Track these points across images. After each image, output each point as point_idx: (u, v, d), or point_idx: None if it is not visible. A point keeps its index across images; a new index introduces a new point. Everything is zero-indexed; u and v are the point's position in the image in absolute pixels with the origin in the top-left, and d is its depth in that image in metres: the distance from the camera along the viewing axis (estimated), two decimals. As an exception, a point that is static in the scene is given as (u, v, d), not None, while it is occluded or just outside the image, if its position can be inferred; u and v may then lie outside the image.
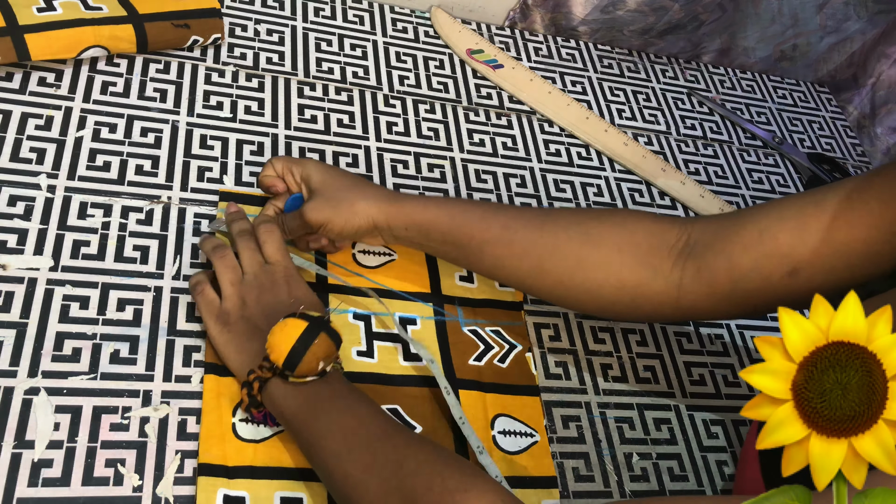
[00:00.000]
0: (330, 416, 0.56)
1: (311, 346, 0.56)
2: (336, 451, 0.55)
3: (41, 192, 0.67)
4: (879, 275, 0.58)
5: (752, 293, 0.61)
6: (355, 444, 0.54)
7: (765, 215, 0.60)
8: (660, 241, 0.64)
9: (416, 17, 0.99)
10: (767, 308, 0.62)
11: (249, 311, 0.61)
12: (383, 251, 0.75)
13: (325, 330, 0.57)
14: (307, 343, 0.56)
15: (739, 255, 0.60)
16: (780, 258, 0.59)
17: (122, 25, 0.76)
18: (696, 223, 0.64)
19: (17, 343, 0.59)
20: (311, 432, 0.56)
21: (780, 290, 0.59)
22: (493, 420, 0.67)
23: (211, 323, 0.62)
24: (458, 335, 0.72)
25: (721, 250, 0.61)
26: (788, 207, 0.60)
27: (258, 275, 0.63)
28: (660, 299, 0.64)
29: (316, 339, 0.56)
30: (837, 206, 0.57)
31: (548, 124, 0.95)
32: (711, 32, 1.09)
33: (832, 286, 0.58)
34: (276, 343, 0.56)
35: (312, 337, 0.56)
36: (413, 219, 0.67)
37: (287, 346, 0.56)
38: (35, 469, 0.54)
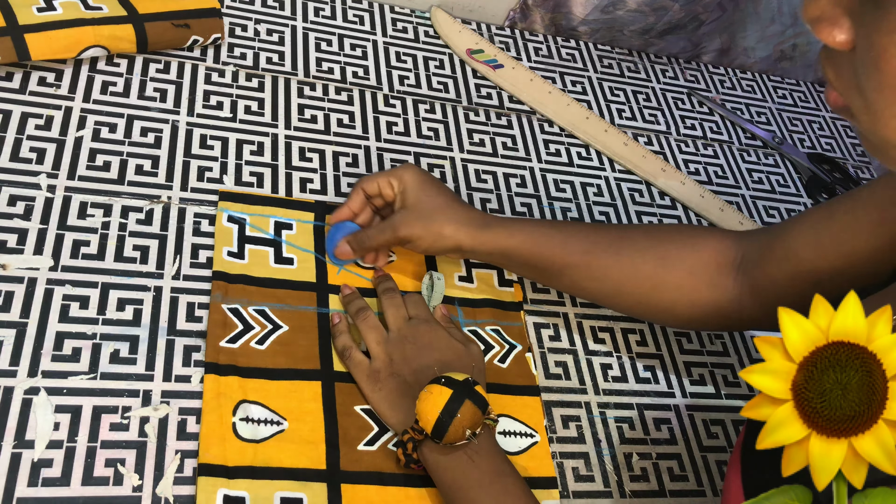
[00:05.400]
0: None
1: (456, 416, 0.57)
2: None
3: (41, 191, 0.67)
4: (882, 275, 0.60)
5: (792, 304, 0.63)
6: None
7: (789, 232, 0.65)
8: (724, 258, 0.68)
9: (416, 17, 0.99)
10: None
11: (397, 367, 0.64)
12: None
13: (469, 397, 0.58)
14: (452, 412, 0.57)
15: (775, 273, 0.64)
16: (805, 273, 0.63)
17: (122, 25, 0.76)
18: (746, 239, 0.69)
19: (17, 343, 0.59)
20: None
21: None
22: None
23: (364, 383, 0.64)
24: None
25: (763, 268, 0.65)
26: (805, 223, 0.64)
27: (402, 329, 0.66)
28: (726, 314, 0.68)
29: (461, 407, 0.57)
30: (844, 218, 0.61)
31: (548, 124, 0.95)
32: (711, 32, 1.09)
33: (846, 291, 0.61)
34: (423, 411, 0.58)
35: (457, 406, 0.57)
36: (498, 246, 0.70)
37: (433, 416, 0.57)
38: (35, 469, 0.54)
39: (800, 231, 0.63)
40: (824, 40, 0.39)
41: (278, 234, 0.72)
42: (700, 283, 0.68)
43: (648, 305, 0.70)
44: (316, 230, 0.74)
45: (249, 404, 0.61)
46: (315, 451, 0.61)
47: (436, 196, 0.70)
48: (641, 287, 0.69)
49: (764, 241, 0.66)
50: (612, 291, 0.70)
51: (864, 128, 0.40)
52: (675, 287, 0.68)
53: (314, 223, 0.74)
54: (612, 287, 0.70)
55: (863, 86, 0.38)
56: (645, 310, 0.71)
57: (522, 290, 0.77)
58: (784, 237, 0.65)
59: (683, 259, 0.68)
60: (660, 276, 0.68)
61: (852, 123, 0.41)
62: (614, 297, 0.71)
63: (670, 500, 0.69)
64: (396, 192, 0.71)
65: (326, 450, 0.61)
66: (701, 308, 0.68)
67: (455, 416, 0.57)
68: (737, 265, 0.68)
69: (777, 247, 0.65)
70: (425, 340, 0.65)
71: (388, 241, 0.70)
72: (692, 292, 0.68)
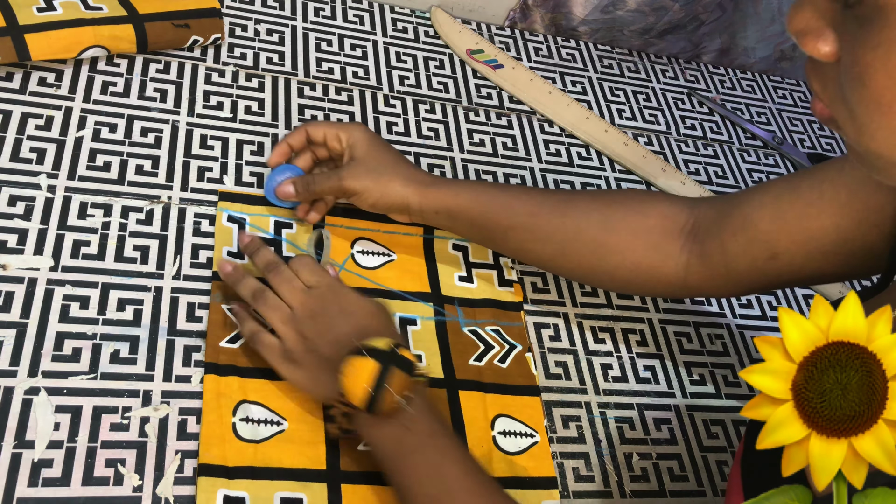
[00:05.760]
0: (416, 474, 0.56)
1: (385, 387, 0.55)
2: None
3: (41, 192, 0.67)
4: (856, 263, 0.61)
5: (742, 275, 0.65)
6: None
7: (748, 202, 0.64)
8: (672, 223, 0.67)
9: (416, 17, 0.99)
10: (759, 288, 0.67)
11: (312, 343, 0.60)
12: (382, 251, 0.75)
13: (395, 364, 0.55)
14: (381, 385, 0.55)
15: (729, 241, 0.64)
16: (762, 244, 0.62)
17: (122, 25, 0.76)
18: (701, 206, 0.68)
19: (17, 343, 0.59)
20: (399, 487, 0.57)
21: (767, 272, 0.63)
22: (493, 420, 0.67)
23: (279, 367, 0.61)
24: (458, 335, 0.72)
25: (716, 235, 0.65)
26: (767, 193, 0.63)
27: (306, 303, 0.61)
28: (669, 280, 0.68)
29: (389, 377, 0.55)
30: (810, 194, 0.60)
31: (548, 124, 0.95)
32: (711, 32, 1.09)
33: (813, 271, 0.62)
34: (350, 387, 0.55)
35: (385, 377, 0.55)
36: (444, 204, 0.70)
37: (362, 391, 0.54)
38: (35, 469, 0.54)
39: (761, 202, 0.63)
40: (809, 52, 0.39)
41: (278, 233, 0.72)
42: (644, 247, 0.67)
43: (591, 269, 0.70)
44: (314, 229, 0.74)
45: (249, 404, 0.61)
46: (315, 452, 0.61)
47: (385, 153, 0.71)
48: (584, 249, 0.68)
49: (721, 209, 0.66)
50: (556, 254, 0.70)
51: (850, 139, 0.40)
52: (618, 251, 0.68)
53: (314, 224, 0.74)
54: (556, 249, 0.69)
55: (848, 98, 0.38)
56: (588, 273, 0.71)
57: (523, 289, 0.77)
58: (743, 206, 0.64)
59: (628, 223, 0.68)
60: (603, 239, 0.68)
61: (839, 133, 0.41)
62: (558, 259, 0.70)
63: (670, 500, 0.69)
64: (345, 146, 0.71)
65: (326, 450, 0.61)
66: (644, 273, 0.68)
67: (384, 387, 0.54)
68: (686, 231, 0.67)
69: (735, 215, 0.64)
70: (335, 309, 0.61)
71: (334, 190, 0.69)
72: (635, 256, 0.67)
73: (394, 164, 0.70)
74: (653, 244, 0.67)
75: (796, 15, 0.39)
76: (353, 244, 0.74)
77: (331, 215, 0.75)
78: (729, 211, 0.64)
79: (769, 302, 0.87)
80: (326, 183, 0.69)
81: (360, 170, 0.69)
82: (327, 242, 0.71)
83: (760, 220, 0.62)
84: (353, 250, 0.74)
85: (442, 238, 0.78)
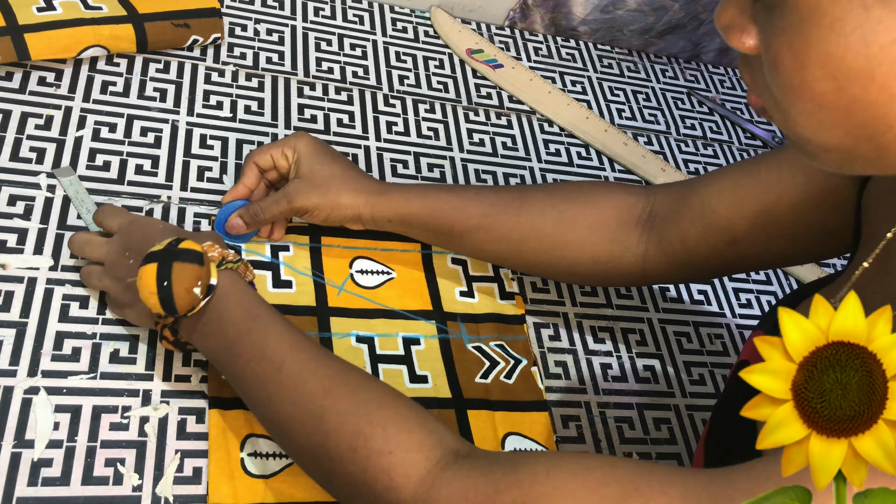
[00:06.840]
0: (244, 360, 0.54)
1: (173, 285, 0.53)
2: (258, 400, 0.54)
3: (41, 191, 0.67)
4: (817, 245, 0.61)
5: (703, 261, 0.65)
6: (273, 393, 0.53)
7: (707, 187, 0.64)
8: (627, 215, 0.68)
9: (416, 17, 0.99)
10: (720, 273, 0.69)
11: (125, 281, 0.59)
12: (381, 269, 0.74)
13: (174, 259, 0.54)
14: (166, 282, 0.53)
15: (688, 227, 0.64)
16: (721, 230, 0.63)
17: (121, 25, 0.76)
18: (658, 194, 0.68)
19: (17, 343, 0.59)
20: (231, 377, 0.56)
21: (727, 257, 0.64)
22: (503, 439, 0.66)
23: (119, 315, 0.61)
24: (462, 353, 0.70)
25: (675, 223, 0.65)
26: (726, 178, 0.63)
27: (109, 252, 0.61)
28: (628, 270, 0.68)
29: (170, 273, 0.53)
30: (768, 177, 0.61)
31: (548, 124, 0.95)
32: (711, 32, 1.09)
33: (773, 255, 0.64)
34: (144, 298, 0.54)
35: (166, 273, 0.53)
36: (396, 212, 0.69)
37: (153, 295, 0.53)
38: (35, 468, 0.54)
39: (720, 188, 0.63)
40: (735, 46, 0.41)
41: (275, 256, 0.71)
42: (601, 239, 0.68)
43: (550, 265, 0.70)
44: (312, 251, 0.72)
45: (257, 438, 0.60)
46: None
47: (331, 164, 0.69)
48: (541, 247, 0.69)
49: (678, 196, 0.66)
50: (514, 252, 0.70)
51: (780, 126, 0.41)
52: (575, 246, 0.68)
53: (310, 245, 0.73)
54: (513, 248, 0.70)
55: (771, 86, 0.39)
56: (547, 269, 0.72)
57: (522, 291, 0.77)
58: (701, 192, 0.64)
59: (584, 217, 0.68)
60: (560, 235, 0.68)
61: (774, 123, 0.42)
62: (516, 257, 0.71)
63: (670, 499, 0.69)
64: (291, 163, 0.70)
65: None
66: (603, 266, 0.69)
67: (171, 284, 0.53)
68: (643, 221, 0.67)
69: (693, 201, 0.64)
70: (137, 239, 0.59)
71: (283, 213, 0.68)
72: (593, 250, 0.68)
73: (341, 175, 0.69)
74: (609, 237, 0.68)
75: (722, 12, 0.41)
76: (351, 264, 0.73)
77: (326, 235, 0.73)
78: (687, 197, 0.65)
79: (769, 302, 0.87)
80: (276, 208, 0.68)
81: (306, 187, 0.68)
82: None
83: (719, 205, 0.62)
84: (351, 270, 0.73)
85: (440, 253, 0.77)
